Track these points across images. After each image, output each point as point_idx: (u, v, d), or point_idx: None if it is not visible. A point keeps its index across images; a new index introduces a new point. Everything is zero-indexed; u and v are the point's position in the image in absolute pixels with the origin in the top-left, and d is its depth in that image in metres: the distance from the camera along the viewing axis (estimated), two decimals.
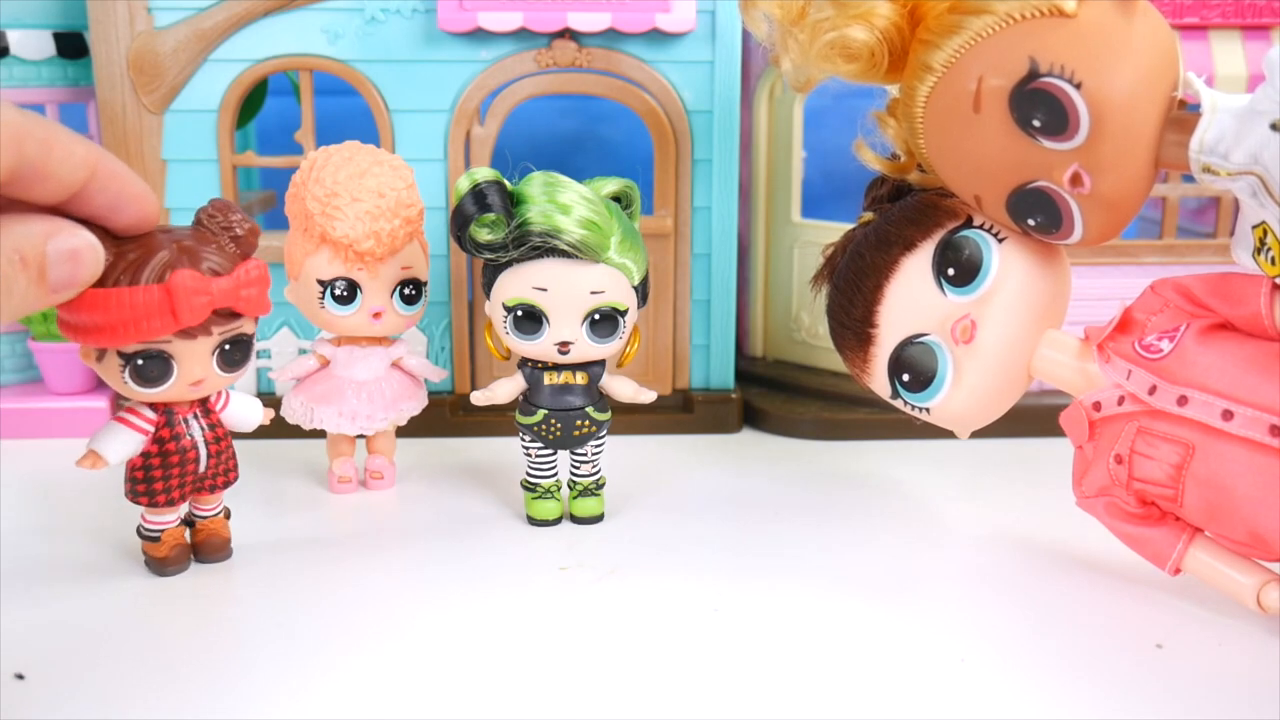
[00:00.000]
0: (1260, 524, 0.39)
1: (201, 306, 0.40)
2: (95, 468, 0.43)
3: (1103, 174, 0.39)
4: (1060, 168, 0.40)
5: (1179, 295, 0.42)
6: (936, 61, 0.42)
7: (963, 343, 0.45)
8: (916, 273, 0.46)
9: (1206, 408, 0.39)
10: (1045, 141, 0.40)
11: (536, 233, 0.46)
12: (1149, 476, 0.41)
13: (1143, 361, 0.41)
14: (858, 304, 0.48)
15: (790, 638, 0.42)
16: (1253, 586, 0.41)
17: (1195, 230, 0.73)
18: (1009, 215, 0.43)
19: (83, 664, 0.39)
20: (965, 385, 0.45)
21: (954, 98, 0.41)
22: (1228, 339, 0.40)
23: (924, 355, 0.46)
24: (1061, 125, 0.39)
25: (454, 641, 0.41)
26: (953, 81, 0.41)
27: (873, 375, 0.49)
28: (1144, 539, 0.43)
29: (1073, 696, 0.38)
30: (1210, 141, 0.37)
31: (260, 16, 0.61)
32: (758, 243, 0.73)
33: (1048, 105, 0.39)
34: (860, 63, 0.44)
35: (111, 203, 0.37)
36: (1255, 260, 0.39)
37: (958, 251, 0.45)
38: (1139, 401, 0.41)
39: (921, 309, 0.46)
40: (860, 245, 0.48)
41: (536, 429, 0.51)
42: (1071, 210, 0.41)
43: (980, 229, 0.45)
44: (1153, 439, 0.41)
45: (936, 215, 0.46)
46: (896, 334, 0.47)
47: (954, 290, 0.45)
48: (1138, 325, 0.43)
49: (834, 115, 0.83)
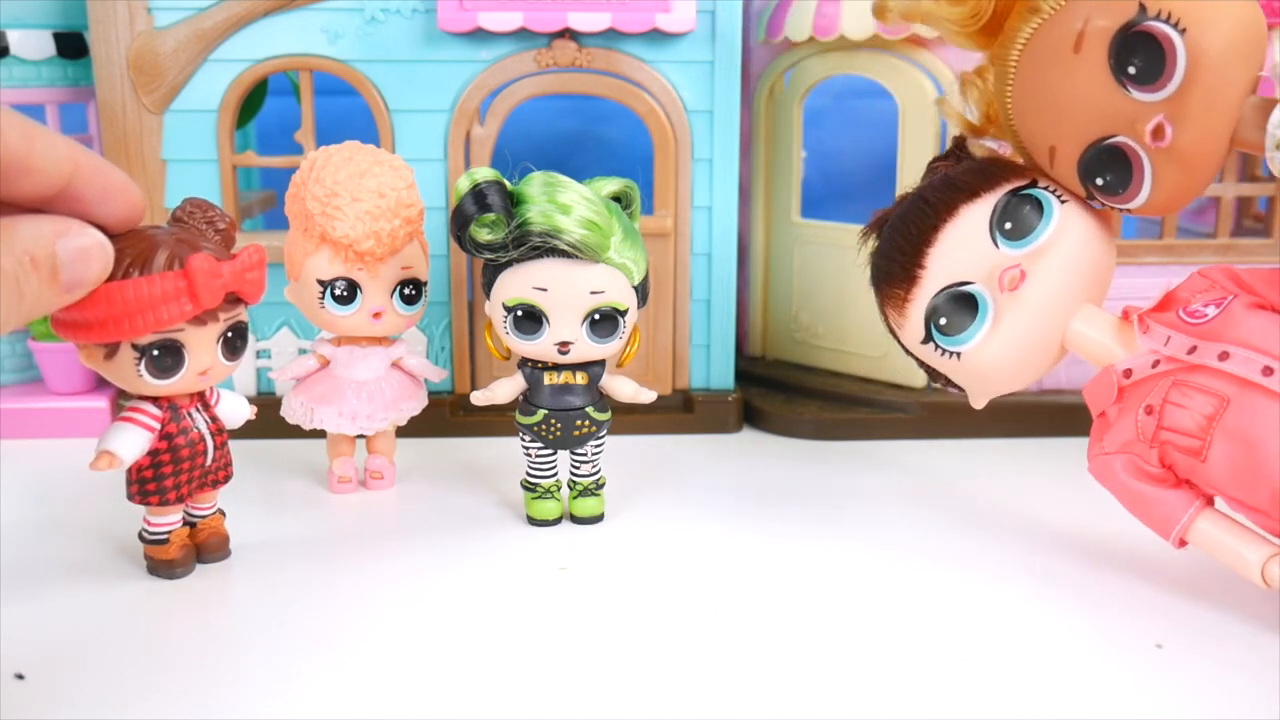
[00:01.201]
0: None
1: (217, 289, 0.41)
2: (111, 468, 0.43)
3: (1186, 126, 0.41)
4: (1144, 119, 0.41)
5: (1227, 278, 0.44)
6: (1047, 3, 0.43)
7: (1009, 290, 0.46)
8: (974, 221, 0.47)
9: (1247, 363, 0.40)
10: (1135, 91, 0.41)
11: (536, 233, 0.46)
12: (1179, 425, 0.42)
13: (1185, 326, 0.43)
14: (912, 242, 0.48)
15: (790, 638, 0.42)
16: (1258, 561, 0.41)
17: (1195, 230, 0.73)
18: (1080, 172, 0.44)
19: (83, 664, 0.39)
20: (1002, 333, 0.46)
21: (1057, 39, 0.43)
22: (1273, 312, 0.41)
23: (965, 301, 0.46)
24: (1157, 72, 0.40)
25: (454, 641, 0.41)
26: (1059, 23, 0.43)
27: (908, 317, 0.48)
28: (1155, 500, 0.43)
29: (1073, 696, 0.38)
30: None
31: (260, 16, 0.61)
32: (758, 243, 0.73)
33: (1148, 50, 0.40)
34: (966, 7, 0.45)
35: (99, 196, 0.37)
36: None
37: (1019, 208, 0.46)
38: (1175, 361, 0.42)
39: (972, 257, 0.47)
40: (924, 189, 0.49)
41: (536, 429, 0.51)
42: (1144, 169, 0.42)
43: (1044, 189, 0.46)
44: (1188, 390, 0.42)
45: (1005, 171, 0.47)
46: (943, 278, 0.47)
47: (1008, 243, 0.46)
48: (1181, 302, 0.44)
49: (834, 115, 0.83)
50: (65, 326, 0.40)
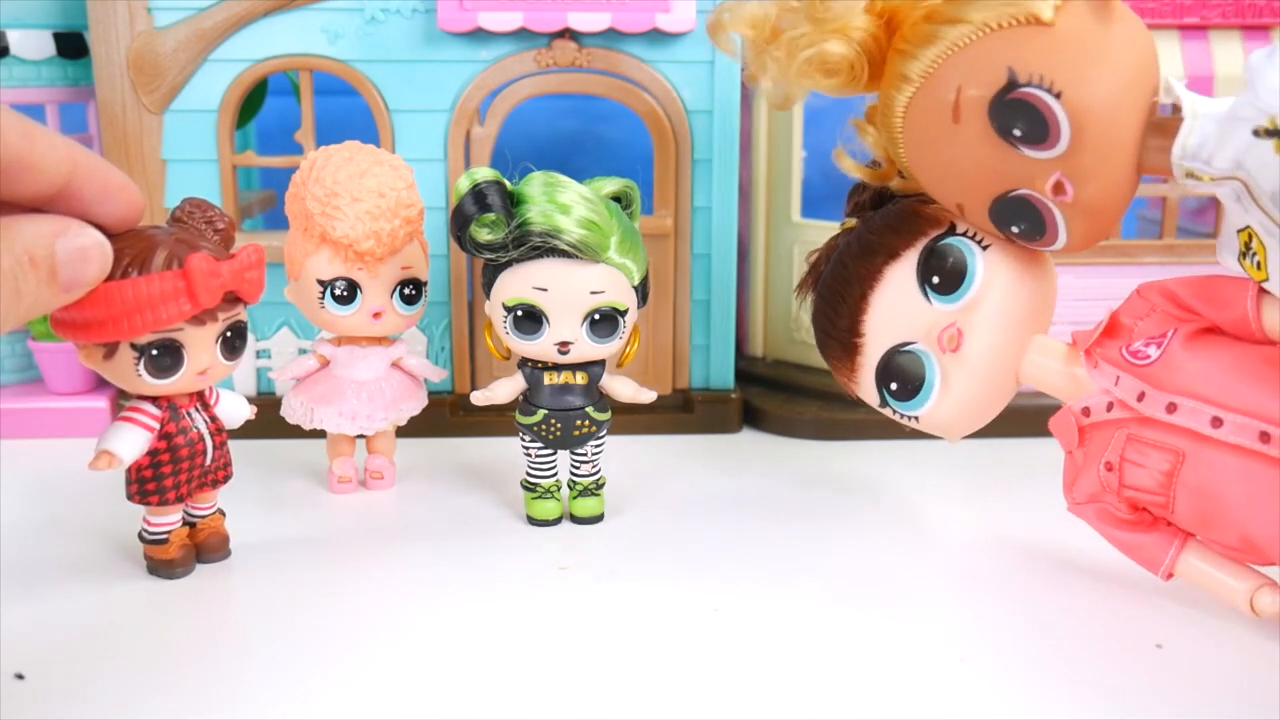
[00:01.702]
0: (1252, 530, 0.39)
1: (216, 289, 0.41)
2: (111, 467, 0.43)
3: (1085, 182, 0.39)
4: (1042, 176, 0.40)
5: (1165, 299, 0.42)
6: (914, 72, 0.41)
7: (949, 351, 0.45)
8: (901, 281, 0.46)
9: (1195, 415, 0.39)
10: (1026, 150, 0.39)
11: (536, 233, 0.46)
12: (1140, 484, 0.41)
13: (1130, 368, 0.41)
14: (843, 314, 0.48)
15: (790, 638, 0.42)
16: (1246, 591, 0.41)
17: (1195, 230, 0.73)
18: (992, 223, 0.43)
19: (83, 664, 0.39)
20: (953, 394, 0.45)
21: (933, 108, 0.41)
22: (1215, 344, 0.40)
23: (911, 364, 0.46)
24: (1042, 135, 0.38)
25: (454, 641, 0.41)
26: (931, 91, 0.41)
27: (860, 384, 0.48)
28: (1136, 545, 0.43)
29: (1073, 696, 0.38)
30: (1193, 147, 0.37)
31: (260, 16, 0.61)
32: (758, 243, 0.73)
33: (1028, 115, 0.38)
34: (840, 77, 0.43)
35: (98, 196, 0.37)
36: (1241, 264, 0.39)
37: (942, 259, 0.45)
38: (1127, 408, 0.41)
39: (907, 318, 0.46)
40: (844, 254, 0.48)
41: (536, 429, 0.51)
42: (1055, 217, 0.41)
43: (964, 236, 0.45)
44: (1142, 446, 0.41)
45: (919, 223, 0.46)
46: (883, 343, 0.47)
47: (939, 298, 0.45)
48: (1125, 330, 0.43)
49: (834, 115, 0.83)
50: (64, 326, 0.40)
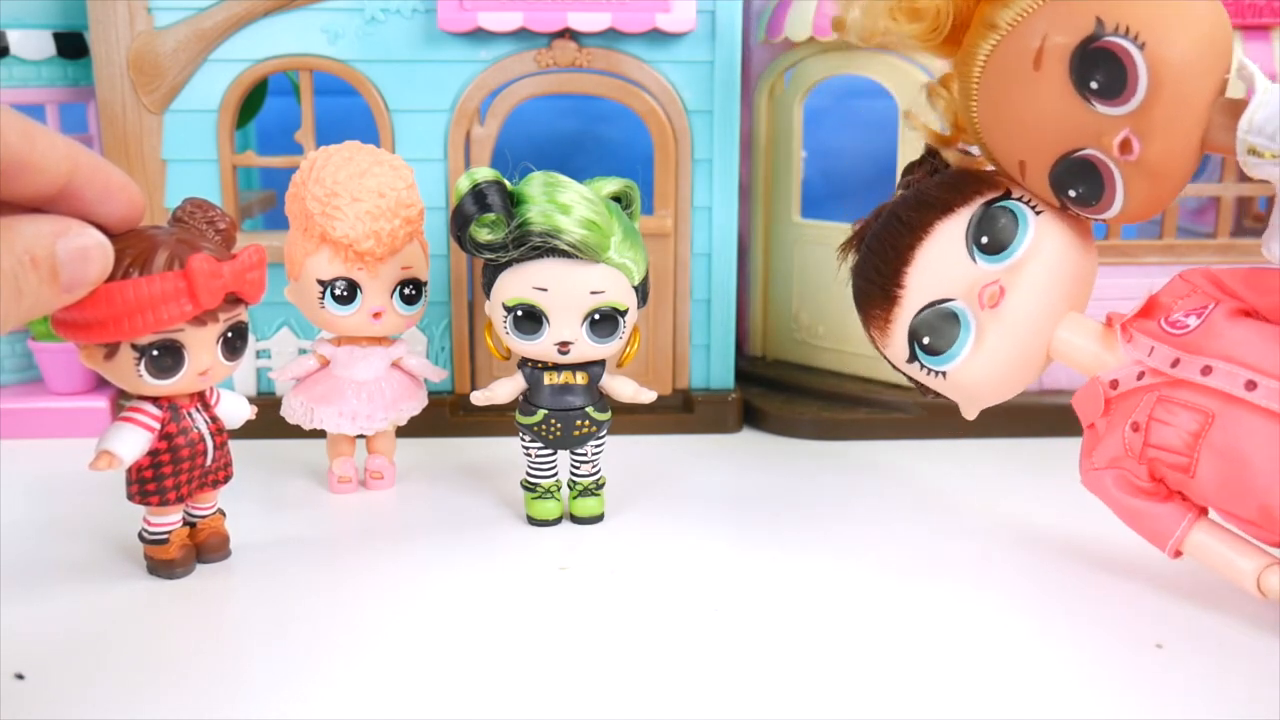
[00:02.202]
0: (1273, 498, 0.39)
1: (217, 289, 0.41)
2: (111, 468, 0.43)
3: (1153, 139, 0.40)
4: (1111, 133, 0.40)
5: (1208, 282, 0.43)
6: (1003, 19, 0.42)
7: (989, 307, 0.45)
8: (950, 237, 0.46)
9: (1230, 377, 0.40)
10: (1099, 106, 0.40)
11: (537, 233, 0.46)
12: (1165, 443, 0.41)
13: (1167, 337, 0.42)
14: (889, 262, 0.47)
15: (790, 638, 0.42)
16: (1253, 571, 0.41)
17: (1195, 230, 0.73)
18: (1051, 185, 0.43)
19: (83, 664, 0.39)
20: (985, 351, 0.45)
21: (1016, 56, 0.42)
22: (1255, 320, 0.41)
23: (947, 319, 0.46)
24: (1119, 87, 0.39)
25: (454, 641, 0.41)
26: (1017, 39, 0.42)
27: (891, 337, 0.48)
28: (1148, 514, 0.43)
29: (1073, 696, 0.38)
30: (1260, 122, 0.38)
31: (260, 16, 0.61)
32: (758, 243, 0.73)
33: (1108, 66, 0.39)
34: (925, 23, 0.44)
35: (99, 195, 0.37)
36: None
37: (994, 220, 0.46)
38: (1160, 374, 0.42)
39: (951, 274, 0.46)
40: (897, 206, 0.48)
41: (536, 429, 0.51)
42: (1115, 180, 0.41)
43: (1019, 200, 0.45)
44: (1173, 406, 0.41)
45: (977, 184, 0.47)
46: (923, 297, 0.47)
47: (985, 258, 0.46)
48: (1163, 309, 0.43)
49: (834, 115, 0.83)
50: (65, 326, 0.40)
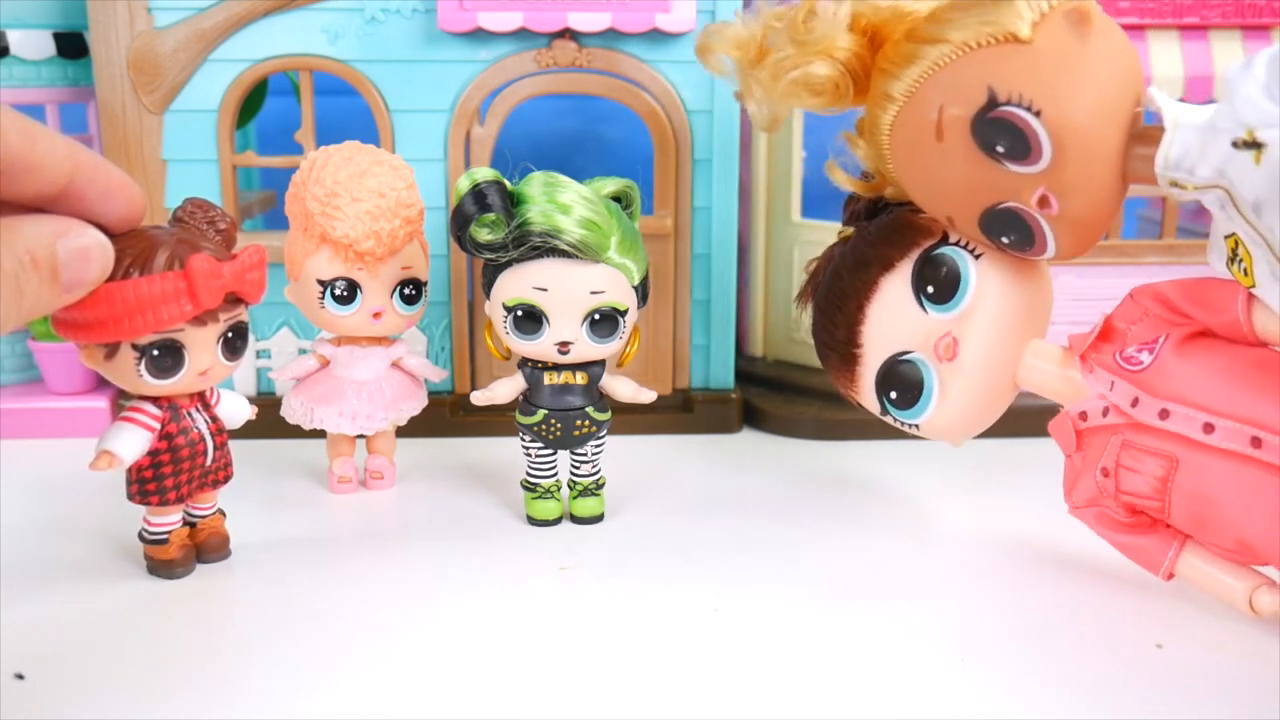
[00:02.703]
0: (1247, 533, 0.39)
1: (217, 289, 0.41)
2: (111, 468, 0.43)
3: (1069, 197, 0.39)
4: (1027, 190, 0.40)
5: (1157, 304, 0.42)
6: (897, 91, 0.42)
7: (946, 360, 0.45)
8: (896, 291, 0.47)
9: (1187, 421, 0.39)
10: (1010, 166, 0.40)
11: (536, 233, 0.47)
12: (1136, 490, 0.41)
13: (1124, 373, 0.42)
14: (840, 325, 0.48)
15: (790, 638, 0.42)
16: (1245, 590, 0.41)
17: (1195, 230, 0.73)
18: (983, 234, 0.43)
19: (83, 664, 0.39)
20: (951, 402, 0.46)
21: (917, 125, 0.42)
22: (1206, 349, 0.40)
23: (910, 373, 0.46)
24: (1024, 151, 0.39)
25: (454, 641, 0.41)
26: (914, 109, 0.42)
27: (861, 393, 0.49)
28: (1136, 547, 0.43)
29: (1073, 696, 0.38)
30: (1175, 158, 0.37)
31: (260, 16, 0.61)
32: (758, 243, 0.73)
33: (1009, 133, 0.39)
34: (826, 96, 0.44)
35: (99, 195, 0.37)
36: (1229, 269, 0.39)
37: (935, 269, 0.45)
38: (1122, 413, 0.41)
39: (904, 327, 0.46)
40: (839, 267, 0.49)
41: (536, 429, 0.51)
42: (1043, 228, 0.41)
43: (956, 245, 0.45)
44: (1137, 453, 0.41)
45: (912, 233, 0.46)
46: (881, 353, 0.47)
47: (934, 307, 0.46)
48: (1119, 334, 0.43)
49: (834, 116, 0.83)
50: (65, 326, 0.40)
